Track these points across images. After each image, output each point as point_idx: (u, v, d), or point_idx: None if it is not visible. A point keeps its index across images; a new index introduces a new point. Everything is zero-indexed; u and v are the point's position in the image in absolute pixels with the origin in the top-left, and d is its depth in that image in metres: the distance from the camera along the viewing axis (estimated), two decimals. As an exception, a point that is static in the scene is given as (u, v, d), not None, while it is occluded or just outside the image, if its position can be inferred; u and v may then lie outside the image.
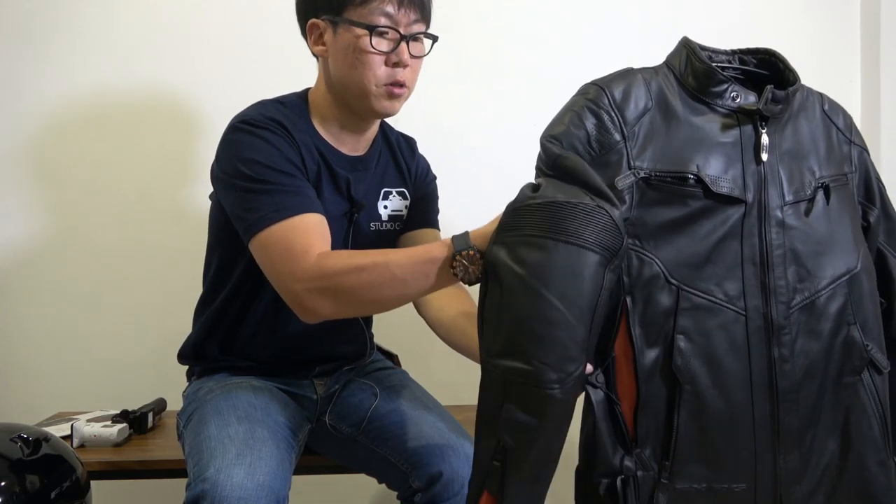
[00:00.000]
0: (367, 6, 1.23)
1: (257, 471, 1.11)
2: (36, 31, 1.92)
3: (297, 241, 1.15)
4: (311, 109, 1.35)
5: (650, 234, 1.12)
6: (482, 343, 1.03)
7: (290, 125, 1.28)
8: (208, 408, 1.28)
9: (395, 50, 1.25)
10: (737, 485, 1.14)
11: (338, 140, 1.35)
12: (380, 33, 1.24)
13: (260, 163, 1.21)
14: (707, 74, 1.16)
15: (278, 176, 1.21)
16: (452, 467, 1.21)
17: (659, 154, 1.12)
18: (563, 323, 0.99)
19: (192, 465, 1.16)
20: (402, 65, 1.26)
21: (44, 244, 1.94)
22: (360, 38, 1.24)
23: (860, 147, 1.26)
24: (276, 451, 1.18)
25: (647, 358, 1.12)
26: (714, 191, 1.11)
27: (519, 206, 1.04)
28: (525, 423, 0.99)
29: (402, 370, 1.56)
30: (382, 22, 1.24)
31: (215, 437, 1.18)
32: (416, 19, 1.27)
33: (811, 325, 1.14)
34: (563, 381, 0.98)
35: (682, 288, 1.10)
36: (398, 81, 1.27)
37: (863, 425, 1.17)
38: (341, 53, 1.27)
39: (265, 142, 1.24)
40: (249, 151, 1.23)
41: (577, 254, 1.00)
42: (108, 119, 1.94)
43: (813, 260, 1.15)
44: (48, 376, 1.95)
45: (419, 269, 1.08)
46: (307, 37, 1.33)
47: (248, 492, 1.08)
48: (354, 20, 1.24)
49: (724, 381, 1.12)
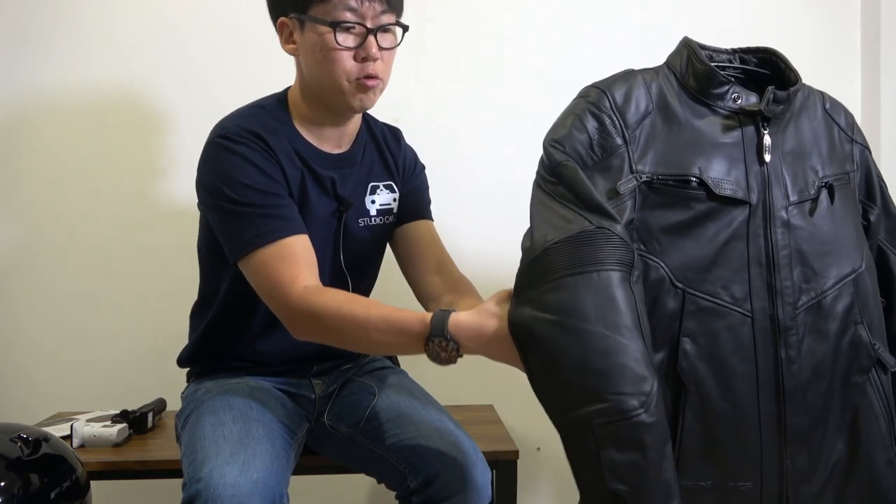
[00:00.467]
0: (330, 2, 1.22)
1: (251, 468, 1.11)
2: (36, 30, 1.92)
3: (284, 271, 1.19)
4: (290, 109, 1.35)
5: (654, 238, 1.12)
6: (549, 410, 0.99)
7: (269, 135, 1.28)
8: (204, 408, 1.28)
9: (363, 44, 1.24)
10: (742, 483, 1.14)
11: (319, 138, 1.35)
12: (345, 29, 1.23)
13: (243, 184, 1.22)
14: (708, 76, 1.16)
15: (261, 197, 1.22)
16: (450, 467, 1.21)
17: (660, 157, 1.12)
18: (618, 348, 0.97)
19: (187, 466, 1.16)
20: (370, 59, 1.25)
21: (44, 244, 1.94)
22: (325, 36, 1.23)
23: (862, 145, 1.26)
24: (272, 449, 1.18)
25: (652, 360, 1.12)
26: (717, 193, 1.11)
27: (523, 266, 1.03)
28: (630, 461, 0.95)
29: (401, 370, 1.56)
30: (347, 17, 1.22)
31: (210, 436, 1.18)
32: (382, 10, 1.25)
33: (818, 326, 1.14)
34: (645, 403, 0.95)
35: (688, 291, 1.10)
36: (369, 75, 1.26)
37: (871, 424, 1.17)
38: (310, 51, 1.27)
39: (245, 160, 1.24)
40: (231, 171, 1.23)
41: (600, 278, 0.99)
42: (108, 119, 1.93)
43: (819, 260, 1.15)
44: (48, 376, 1.94)
45: (393, 339, 1.11)
46: (279, 36, 1.33)
47: (241, 489, 1.08)
48: (318, 17, 1.23)
49: (730, 383, 1.12)
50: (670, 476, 0.99)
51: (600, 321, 0.97)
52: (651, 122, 1.14)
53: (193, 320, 1.45)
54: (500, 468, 1.51)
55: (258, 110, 1.33)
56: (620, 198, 1.10)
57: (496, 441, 1.58)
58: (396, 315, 1.11)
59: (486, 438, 1.55)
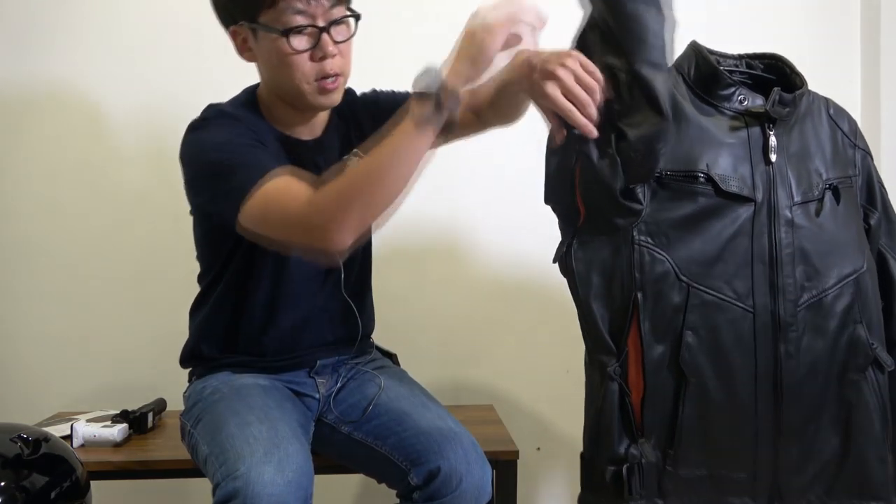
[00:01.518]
0: (276, 7, 1.20)
1: (286, 468, 1.12)
2: (36, 30, 1.92)
3: (286, 199, 1.13)
4: (260, 105, 1.35)
5: (662, 232, 1.15)
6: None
7: (245, 117, 1.29)
8: (222, 408, 1.28)
9: (318, 44, 1.23)
10: (737, 473, 1.17)
11: (293, 130, 1.35)
12: (297, 31, 1.21)
13: (220, 143, 1.22)
14: (715, 78, 1.18)
15: (242, 149, 1.21)
16: (451, 463, 1.22)
17: (670, 154, 1.15)
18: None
19: (219, 465, 1.16)
20: (327, 56, 1.23)
21: (44, 244, 1.94)
22: (279, 42, 1.22)
23: (864, 151, 1.29)
24: (301, 449, 1.19)
25: (655, 352, 1.15)
26: (723, 189, 1.14)
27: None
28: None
29: (401, 369, 1.56)
30: (297, 21, 1.20)
31: (238, 436, 1.18)
32: (331, 4, 1.23)
33: (817, 323, 1.17)
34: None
35: (693, 285, 1.13)
36: (328, 74, 1.25)
37: (865, 422, 1.20)
38: (266, 58, 1.26)
39: (221, 128, 1.25)
40: (208, 140, 1.24)
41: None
42: (108, 118, 1.93)
43: (821, 259, 1.17)
44: (48, 376, 1.95)
45: (405, 145, 1.08)
46: (234, 44, 1.31)
47: (279, 488, 1.09)
48: (269, 25, 1.22)
49: (729, 376, 1.15)
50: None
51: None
52: None
53: (194, 316, 1.45)
54: (500, 468, 1.51)
55: (228, 106, 1.34)
56: (632, 193, 1.15)
57: (496, 441, 1.58)
58: (387, 131, 1.09)
59: (486, 438, 1.55)
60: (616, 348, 1.17)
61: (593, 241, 1.19)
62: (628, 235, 1.16)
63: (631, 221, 1.15)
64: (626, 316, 1.16)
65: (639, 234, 1.15)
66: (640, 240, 1.15)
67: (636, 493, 1.17)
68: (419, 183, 2.03)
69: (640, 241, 1.15)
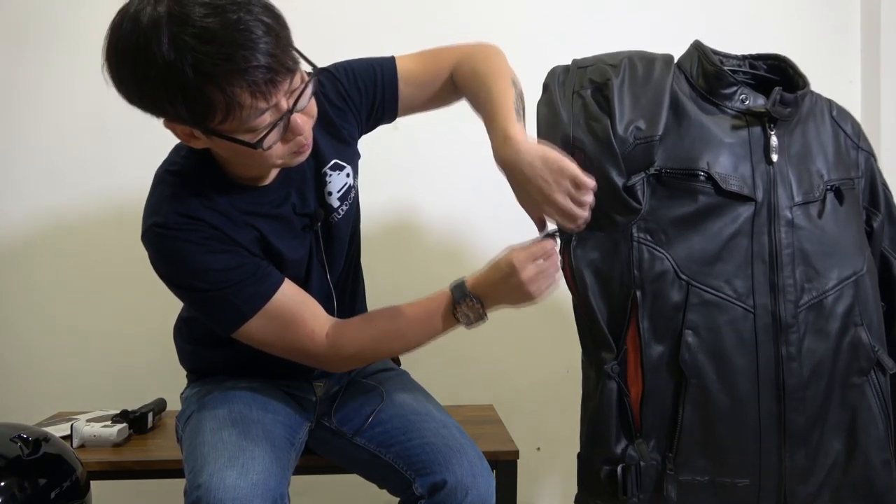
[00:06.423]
0: (235, 117, 1.01)
1: (251, 470, 1.11)
2: (36, 32, 1.92)
3: (296, 331, 1.21)
4: (216, 159, 1.19)
5: (662, 230, 1.15)
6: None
7: (207, 213, 1.16)
8: (205, 411, 1.28)
9: (288, 129, 1.07)
10: (740, 480, 1.16)
11: (257, 181, 1.22)
12: (268, 130, 1.05)
13: (205, 270, 1.15)
14: (717, 77, 1.18)
15: (229, 275, 1.16)
16: (456, 476, 1.21)
17: (670, 152, 1.15)
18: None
19: (188, 472, 1.16)
20: (297, 132, 1.09)
21: (43, 244, 1.94)
22: (246, 149, 1.05)
23: (867, 153, 1.28)
24: (272, 450, 1.18)
25: (654, 351, 1.14)
26: (724, 188, 1.14)
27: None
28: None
29: (404, 370, 1.56)
30: (266, 121, 1.03)
31: (209, 442, 1.18)
32: (287, 78, 1.03)
33: (819, 325, 1.16)
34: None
35: (692, 284, 1.12)
36: (300, 149, 1.12)
37: (869, 425, 1.19)
38: (228, 152, 1.12)
39: (197, 246, 1.15)
40: (187, 261, 1.15)
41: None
42: (108, 119, 1.93)
43: (821, 260, 1.17)
44: (48, 376, 1.95)
45: (429, 327, 1.22)
46: (170, 130, 1.11)
47: (242, 491, 1.08)
48: (231, 135, 1.04)
49: (730, 377, 1.14)
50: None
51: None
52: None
53: (179, 338, 1.43)
54: (500, 468, 1.51)
55: (179, 183, 1.18)
56: (631, 189, 1.15)
57: (496, 441, 1.58)
58: (421, 308, 1.22)
59: (486, 438, 1.55)
60: (615, 346, 1.17)
61: (592, 238, 1.19)
62: (627, 232, 1.16)
63: (630, 219, 1.15)
64: (624, 314, 1.15)
65: (638, 231, 1.15)
66: (639, 237, 1.15)
67: (631, 494, 1.16)
68: (419, 182, 2.04)
69: (640, 239, 1.15)
